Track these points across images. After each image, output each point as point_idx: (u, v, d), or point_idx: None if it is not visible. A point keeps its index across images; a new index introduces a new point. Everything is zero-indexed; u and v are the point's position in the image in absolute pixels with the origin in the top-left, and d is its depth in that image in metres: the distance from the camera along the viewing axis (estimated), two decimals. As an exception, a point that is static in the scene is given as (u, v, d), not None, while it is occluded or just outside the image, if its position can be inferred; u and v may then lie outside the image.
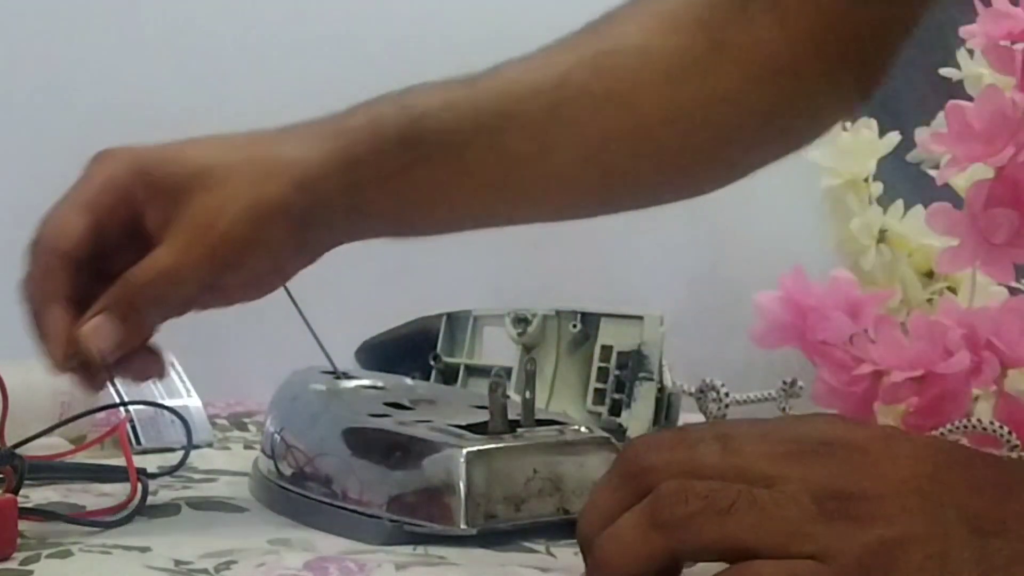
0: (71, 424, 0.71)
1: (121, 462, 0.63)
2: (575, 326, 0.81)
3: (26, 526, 0.55)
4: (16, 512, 0.54)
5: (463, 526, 0.55)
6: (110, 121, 1.02)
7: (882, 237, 1.04)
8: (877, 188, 1.07)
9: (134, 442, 0.77)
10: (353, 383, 0.71)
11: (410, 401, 0.66)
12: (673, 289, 1.24)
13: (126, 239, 0.59)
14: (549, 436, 0.59)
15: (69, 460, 0.69)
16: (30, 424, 0.69)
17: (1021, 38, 0.88)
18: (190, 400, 0.82)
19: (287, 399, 0.69)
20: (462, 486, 0.55)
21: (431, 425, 0.60)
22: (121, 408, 0.77)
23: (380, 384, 0.71)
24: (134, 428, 0.77)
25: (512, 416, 0.59)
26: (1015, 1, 0.89)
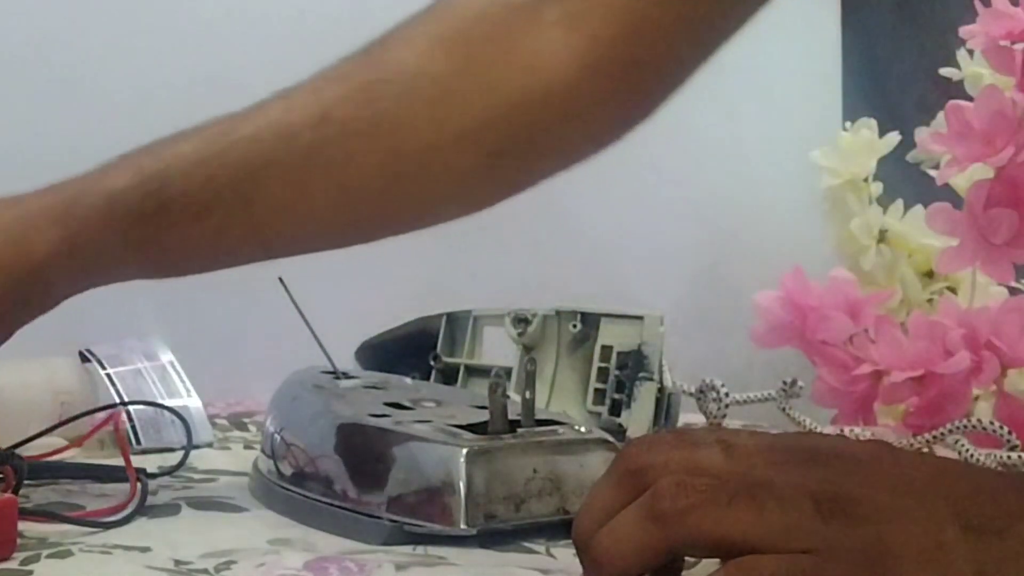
0: (71, 424, 0.71)
1: (121, 462, 0.63)
2: (575, 326, 0.81)
3: (26, 526, 0.55)
4: (16, 512, 0.54)
5: (463, 526, 0.55)
6: (112, 117, 1.02)
7: (882, 237, 1.04)
8: (877, 188, 1.07)
9: (134, 442, 0.77)
10: (353, 383, 0.71)
11: (410, 401, 0.66)
12: (673, 289, 1.24)
13: None
14: (549, 436, 0.59)
15: (69, 460, 0.69)
16: (30, 424, 0.69)
17: (1021, 38, 0.88)
18: (190, 400, 0.82)
19: (287, 399, 0.69)
20: (462, 486, 0.55)
21: (431, 425, 0.60)
22: (121, 408, 0.77)
23: (380, 384, 0.71)
24: (134, 428, 0.77)
25: (512, 416, 0.59)
26: (1015, 1, 0.89)
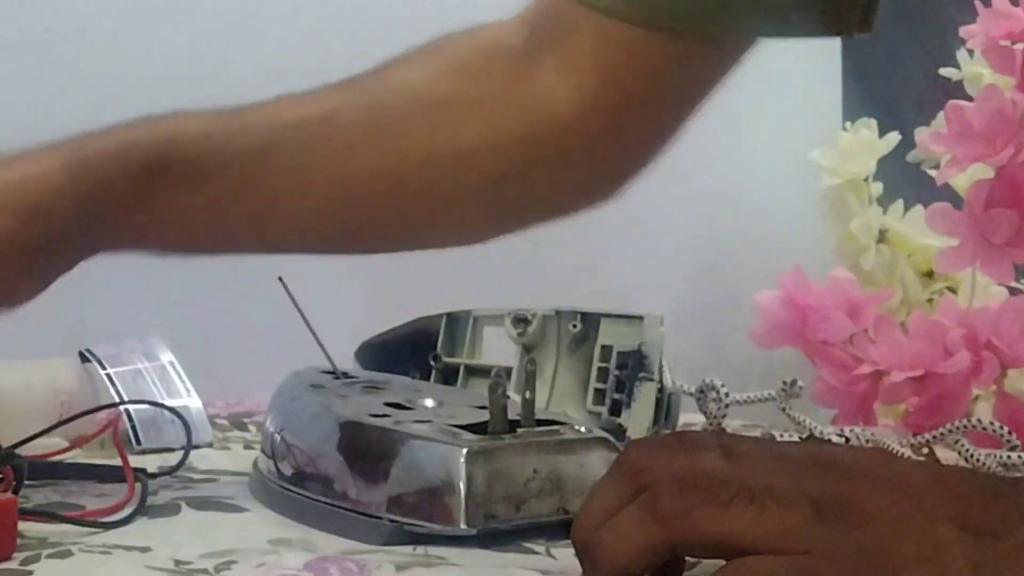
0: (71, 424, 0.71)
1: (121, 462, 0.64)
2: (575, 326, 0.81)
3: (26, 526, 0.55)
4: (16, 512, 0.54)
5: (463, 526, 0.55)
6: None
7: (882, 237, 1.04)
8: (877, 188, 1.07)
9: (134, 442, 0.77)
10: (353, 383, 0.71)
11: (410, 401, 0.66)
12: (673, 289, 1.24)
13: None
14: (549, 436, 0.59)
15: (69, 460, 0.69)
16: (30, 424, 0.69)
17: (1021, 38, 0.88)
18: (190, 400, 0.82)
19: (287, 399, 0.69)
20: (462, 486, 0.55)
21: (431, 425, 0.60)
22: (120, 408, 0.77)
23: (380, 384, 0.71)
24: (134, 428, 0.77)
25: (512, 416, 0.59)
26: (1015, 1, 0.90)
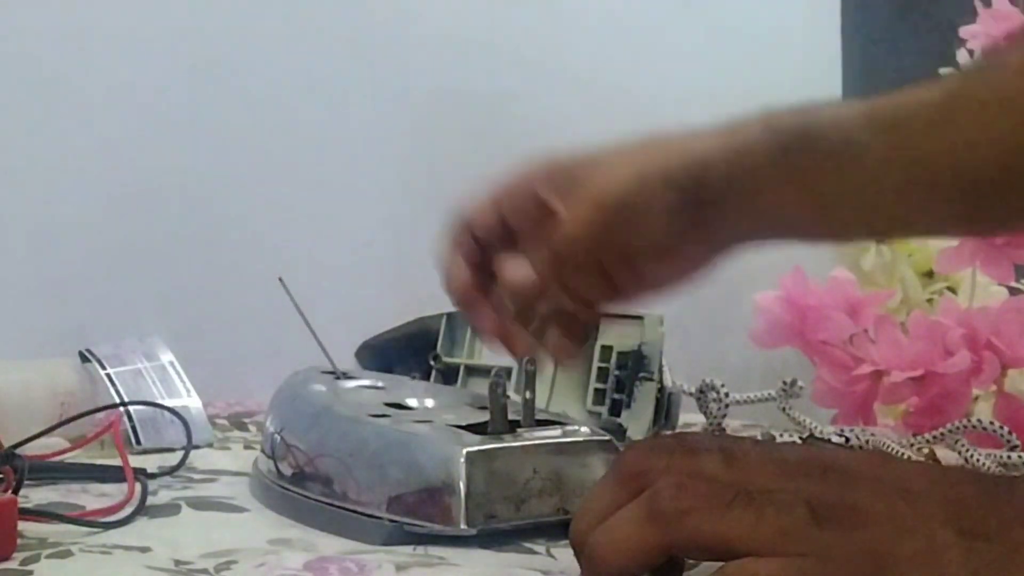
0: (71, 424, 0.71)
1: (121, 462, 0.64)
2: (575, 326, 0.81)
3: (26, 526, 0.55)
4: (16, 512, 0.54)
5: (463, 526, 0.55)
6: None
7: (882, 237, 1.04)
8: (877, 188, 1.06)
9: (134, 442, 0.77)
10: (353, 383, 0.71)
11: (410, 401, 0.66)
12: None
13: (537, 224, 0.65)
14: (549, 436, 0.59)
15: (69, 460, 0.69)
16: (30, 424, 0.69)
17: (1021, 38, 0.88)
18: (190, 400, 0.82)
19: (287, 399, 0.69)
20: (462, 486, 0.55)
21: (431, 425, 0.60)
22: (120, 408, 0.77)
23: (380, 384, 0.71)
24: (134, 428, 0.77)
25: (512, 416, 0.59)
26: (1015, 1, 0.90)
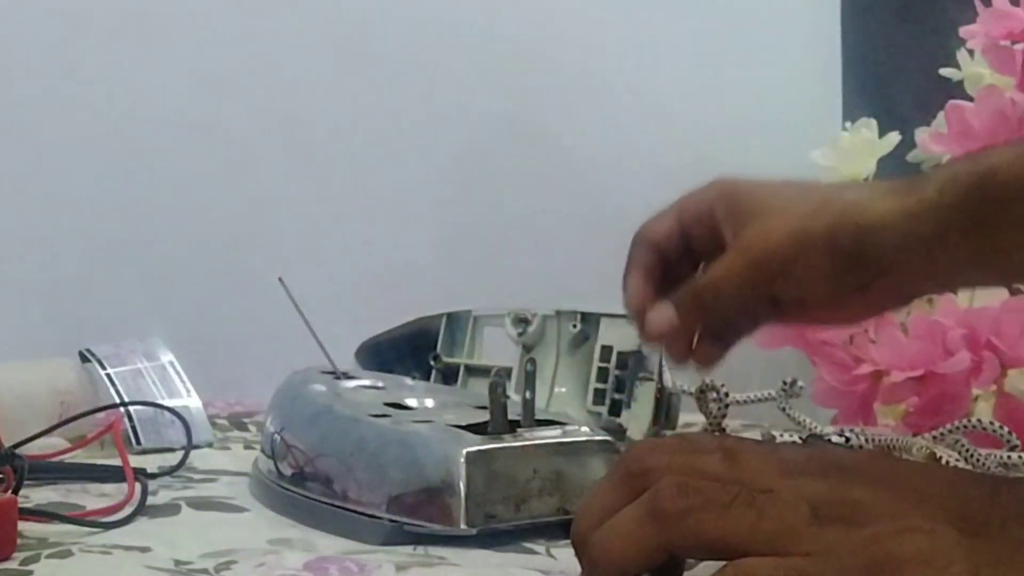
0: (71, 424, 0.71)
1: (121, 462, 0.64)
2: (575, 326, 0.81)
3: (26, 526, 0.55)
4: (16, 512, 0.54)
5: (463, 526, 0.55)
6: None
7: (882, 237, 1.04)
8: (877, 188, 1.06)
9: (134, 442, 0.77)
10: (353, 383, 0.71)
11: (410, 401, 0.66)
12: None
13: (713, 248, 0.66)
14: (549, 436, 0.59)
15: (69, 460, 0.69)
16: (30, 424, 0.69)
17: (1021, 38, 0.88)
18: (190, 400, 0.82)
19: (287, 399, 0.69)
20: (462, 486, 0.55)
21: (431, 425, 0.60)
22: (120, 408, 0.77)
23: (380, 384, 0.71)
24: (134, 428, 0.77)
25: (512, 416, 0.59)
26: (1015, 1, 0.90)
